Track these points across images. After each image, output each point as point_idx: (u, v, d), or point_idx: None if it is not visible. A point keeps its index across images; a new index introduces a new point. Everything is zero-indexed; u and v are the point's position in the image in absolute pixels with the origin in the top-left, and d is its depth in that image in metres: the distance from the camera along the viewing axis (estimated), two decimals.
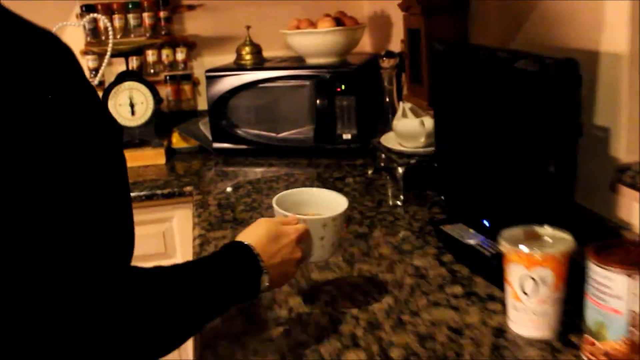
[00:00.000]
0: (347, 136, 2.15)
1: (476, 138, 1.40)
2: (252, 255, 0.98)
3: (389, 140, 1.87)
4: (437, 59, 1.54)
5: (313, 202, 1.18)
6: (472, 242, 1.35)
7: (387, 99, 2.10)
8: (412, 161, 1.71)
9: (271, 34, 2.43)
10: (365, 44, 2.63)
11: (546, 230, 1.06)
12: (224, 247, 1.00)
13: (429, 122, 1.70)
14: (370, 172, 1.98)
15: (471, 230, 1.39)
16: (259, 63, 2.37)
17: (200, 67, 2.66)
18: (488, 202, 1.38)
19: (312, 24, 2.26)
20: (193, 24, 2.67)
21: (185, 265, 0.91)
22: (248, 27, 2.40)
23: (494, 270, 1.23)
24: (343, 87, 2.12)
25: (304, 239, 1.07)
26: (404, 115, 1.80)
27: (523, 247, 1.01)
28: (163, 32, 2.59)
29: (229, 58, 2.47)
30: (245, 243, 0.99)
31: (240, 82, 2.25)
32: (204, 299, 0.89)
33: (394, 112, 2.09)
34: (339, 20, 2.24)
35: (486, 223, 1.36)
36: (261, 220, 1.07)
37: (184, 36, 2.65)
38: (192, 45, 2.66)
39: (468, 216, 1.45)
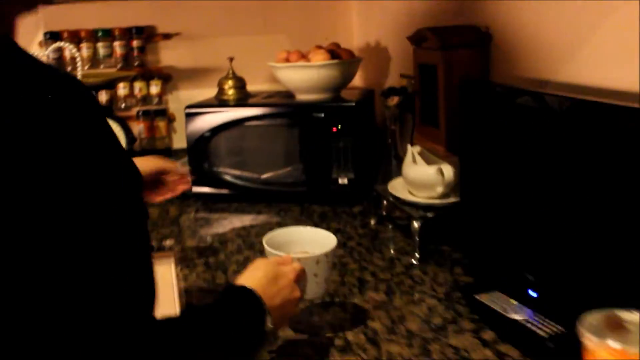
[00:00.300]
0: (343, 181, 1.94)
1: (519, 191, 1.21)
2: (255, 299, 0.96)
3: (396, 188, 1.66)
4: (464, 99, 1.35)
5: (301, 240, 1.23)
6: (517, 317, 1.14)
7: (390, 141, 1.91)
8: (430, 214, 1.50)
9: (254, 65, 2.24)
10: (355, 79, 2.43)
11: (633, 317, 0.86)
12: (227, 292, 0.98)
13: (448, 170, 1.50)
14: (373, 222, 1.77)
15: (513, 302, 1.19)
16: (244, 99, 2.16)
17: (176, 101, 2.44)
18: (534, 269, 1.18)
19: (303, 57, 2.04)
20: (169, 55, 2.45)
21: (194, 316, 0.88)
22: (231, 59, 2.19)
23: (553, 355, 1.03)
24: (339, 126, 1.91)
25: (301, 278, 1.09)
26: (414, 161, 1.61)
27: (613, 343, 0.81)
28: (136, 63, 2.37)
29: (208, 92, 2.24)
30: (248, 287, 0.97)
31: (223, 119, 2.03)
32: (217, 350, 0.86)
33: (396, 155, 1.90)
34: (333, 53, 2.03)
35: (533, 294, 1.17)
36: (258, 261, 1.07)
37: (158, 67, 2.43)
38: (168, 78, 2.44)
39: (504, 283, 1.25)
